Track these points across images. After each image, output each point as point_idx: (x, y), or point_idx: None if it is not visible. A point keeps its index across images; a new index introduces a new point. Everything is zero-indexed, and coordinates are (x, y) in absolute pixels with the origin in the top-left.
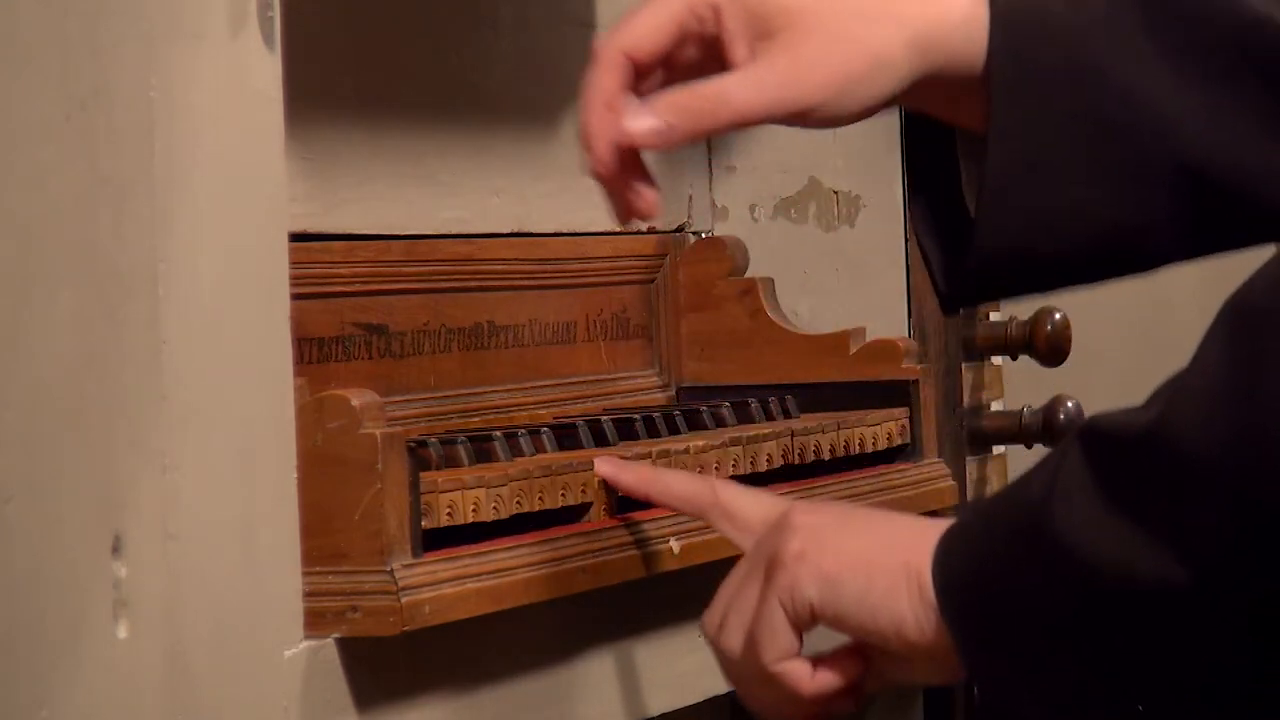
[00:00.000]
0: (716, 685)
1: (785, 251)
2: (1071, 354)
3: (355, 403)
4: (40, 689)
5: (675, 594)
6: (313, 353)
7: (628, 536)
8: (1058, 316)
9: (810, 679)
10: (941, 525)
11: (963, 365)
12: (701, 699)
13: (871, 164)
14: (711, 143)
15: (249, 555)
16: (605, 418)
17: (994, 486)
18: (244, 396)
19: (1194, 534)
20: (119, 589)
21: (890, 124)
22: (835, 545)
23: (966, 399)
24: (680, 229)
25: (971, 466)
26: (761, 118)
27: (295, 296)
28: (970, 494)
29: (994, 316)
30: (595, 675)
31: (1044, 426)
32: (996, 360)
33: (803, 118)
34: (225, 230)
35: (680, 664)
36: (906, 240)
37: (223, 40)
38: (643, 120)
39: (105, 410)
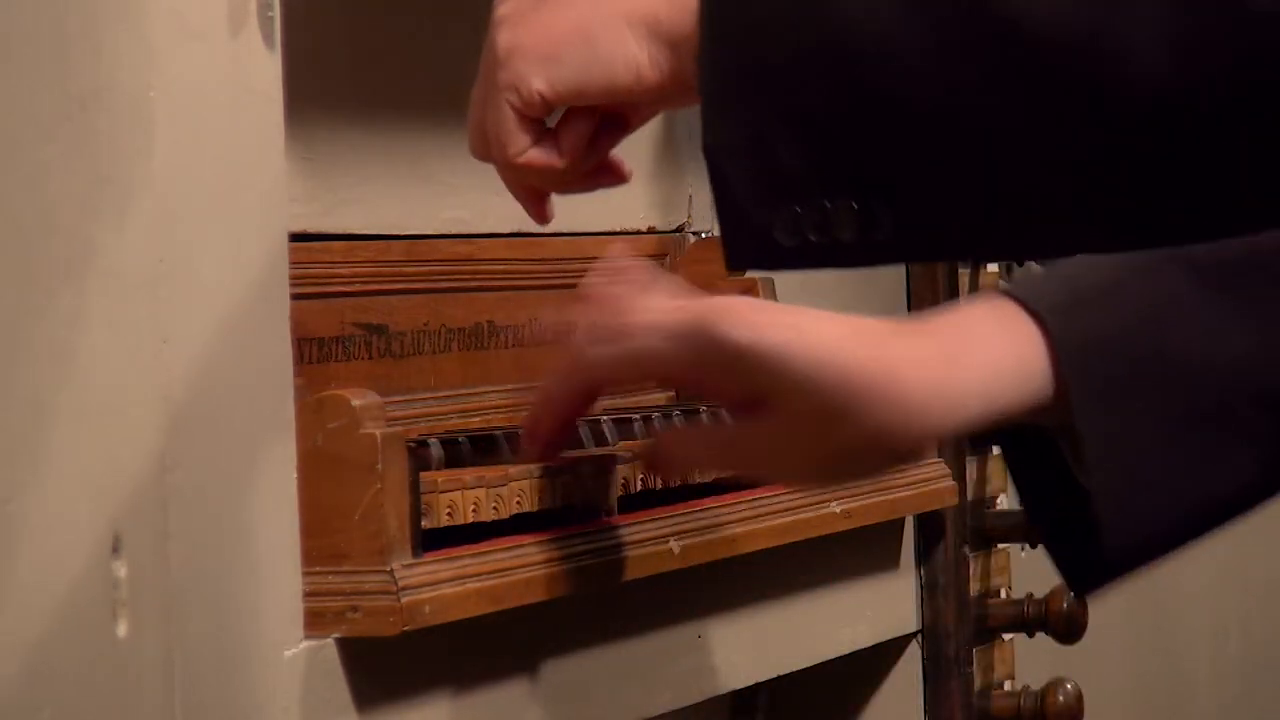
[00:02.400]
0: (716, 685)
1: None
2: None
3: (355, 403)
4: (40, 689)
5: (675, 594)
6: (313, 353)
7: (628, 536)
8: None
9: (554, 156)
10: None
11: None
12: (701, 699)
13: None
14: None
15: (249, 555)
16: (605, 417)
17: (994, 486)
18: (244, 396)
19: (1000, 71)
20: (119, 589)
21: None
22: (544, 24)
23: None
24: (680, 229)
25: (971, 466)
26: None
27: (295, 296)
28: (970, 494)
29: None
30: (595, 675)
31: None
32: None
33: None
34: (225, 230)
35: (680, 664)
36: None
37: (223, 40)
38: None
39: (105, 410)
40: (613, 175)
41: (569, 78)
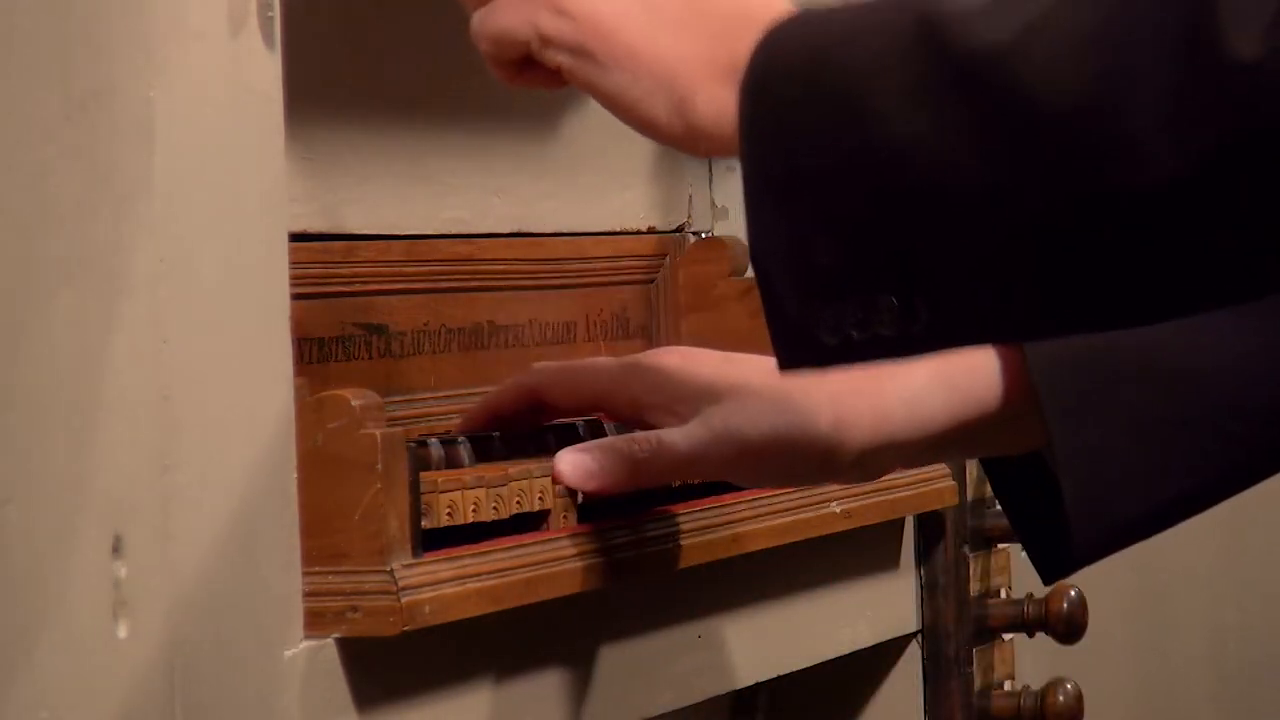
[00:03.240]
0: (716, 685)
1: None
2: None
3: (355, 403)
4: (40, 689)
5: (675, 594)
6: (313, 353)
7: (628, 536)
8: None
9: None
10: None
11: None
12: (701, 699)
13: None
14: None
15: (249, 555)
16: (606, 419)
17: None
18: (244, 396)
19: (1020, 164)
20: (119, 589)
21: None
22: (620, 30)
23: None
24: (680, 229)
25: (971, 466)
26: (696, 475)
27: (295, 296)
28: (970, 494)
29: None
30: (595, 675)
31: None
32: None
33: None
34: (225, 230)
35: (680, 664)
36: None
37: (223, 40)
38: (575, 459)
39: (105, 410)
40: None
41: (592, 83)
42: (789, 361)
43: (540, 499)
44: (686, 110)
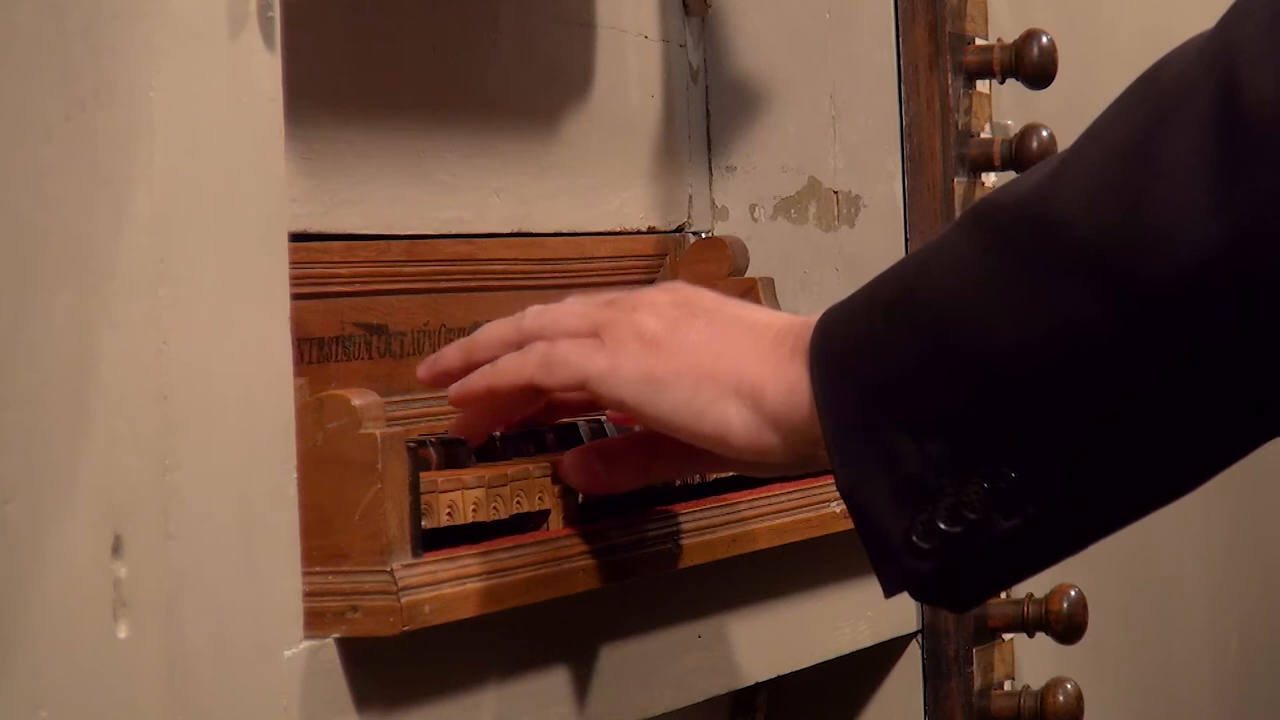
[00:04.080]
0: (716, 685)
1: (785, 251)
2: None
3: (355, 403)
4: (39, 689)
5: (675, 594)
6: (313, 353)
7: (628, 536)
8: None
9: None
10: (796, 327)
11: None
12: (701, 699)
13: (871, 164)
14: (711, 142)
15: (249, 555)
16: (606, 419)
17: None
18: (244, 396)
19: (1059, 305)
20: (119, 589)
21: (890, 124)
22: (669, 350)
23: None
24: (680, 229)
25: None
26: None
27: (295, 296)
28: None
29: None
30: (595, 675)
31: None
32: None
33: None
34: (225, 230)
35: (680, 664)
36: (907, 240)
37: (223, 40)
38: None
39: (105, 410)
40: None
41: (659, 409)
42: (892, 585)
43: (540, 499)
44: (759, 399)
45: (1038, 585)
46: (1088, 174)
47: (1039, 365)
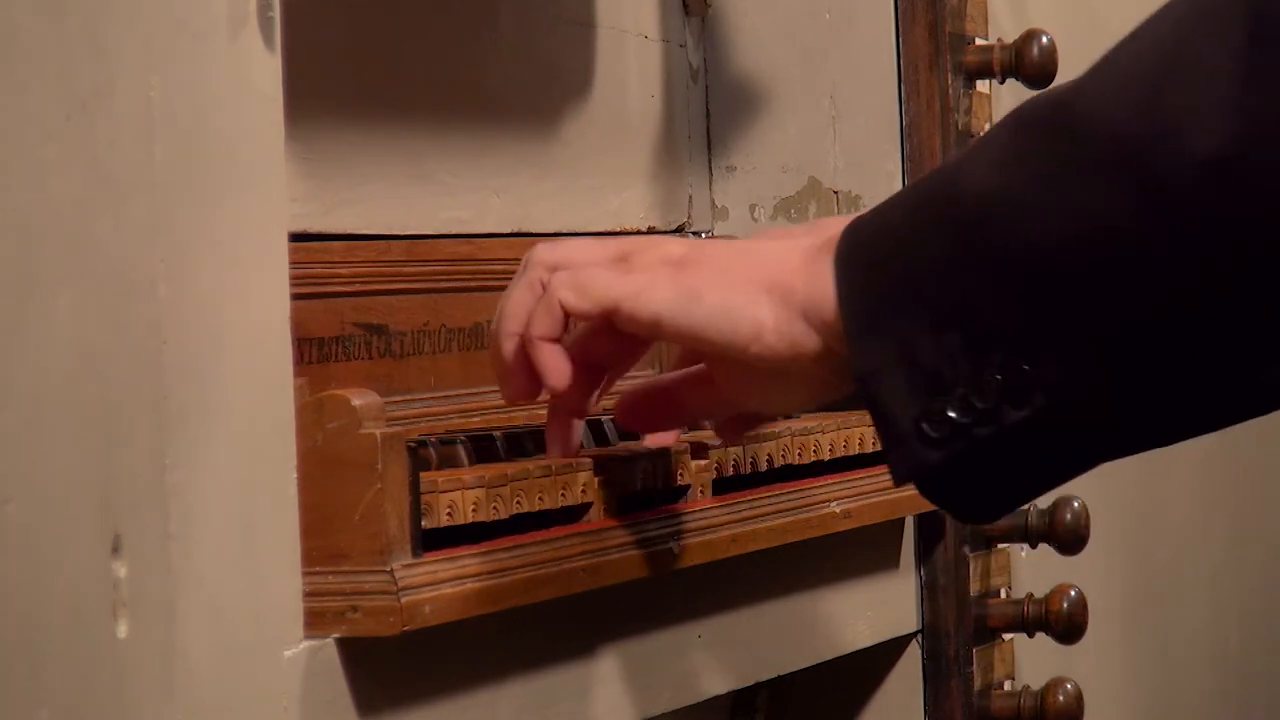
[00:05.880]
0: (716, 685)
1: None
2: None
3: (355, 403)
4: (39, 689)
5: (675, 594)
6: (313, 353)
7: (628, 536)
8: None
9: (562, 364)
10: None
11: None
12: (701, 699)
13: (871, 164)
14: (711, 142)
15: (249, 555)
16: (605, 417)
17: None
18: (244, 396)
19: (1084, 200)
20: (118, 589)
21: (890, 124)
22: (689, 270)
23: None
24: (680, 229)
25: None
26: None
27: (295, 296)
28: None
29: None
30: (595, 675)
31: None
32: None
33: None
34: (225, 230)
35: (680, 664)
36: None
37: (223, 40)
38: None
39: (105, 410)
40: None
41: (696, 318)
42: (902, 473)
43: (540, 499)
44: (789, 293)
45: (1038, 586)
46: (1123, 67)
47: (1062, 260)
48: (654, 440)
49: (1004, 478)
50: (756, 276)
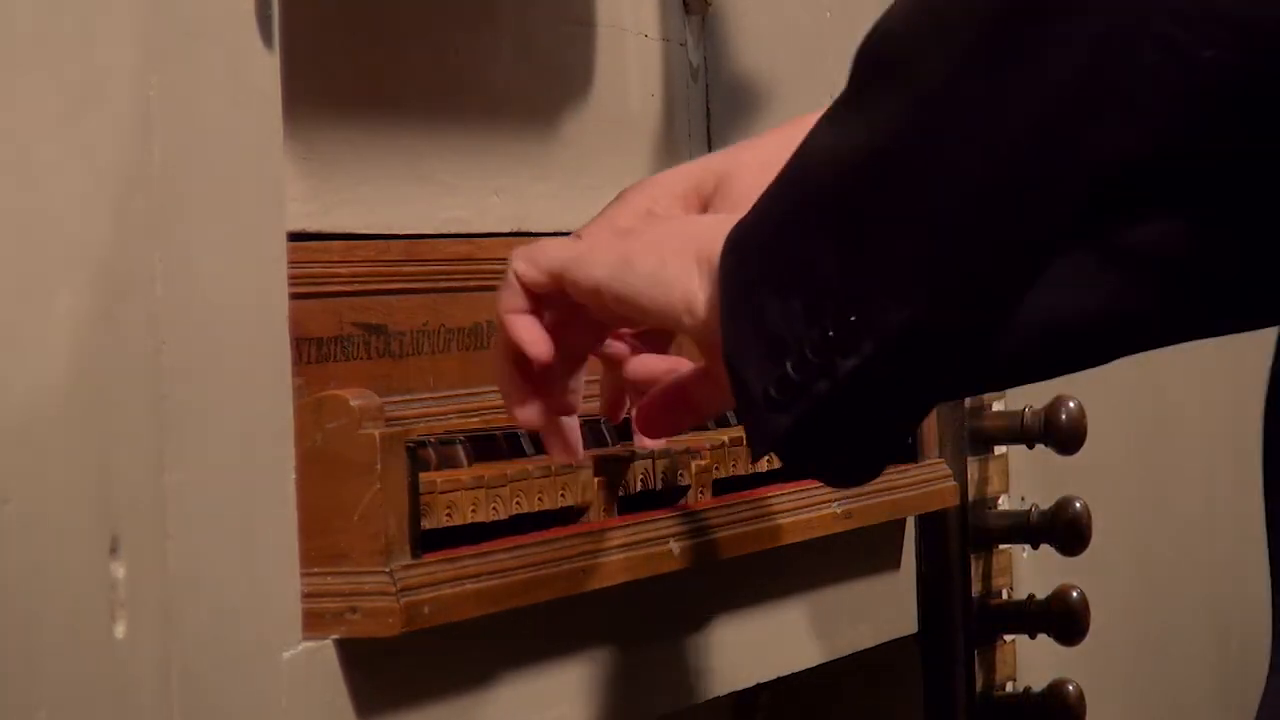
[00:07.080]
0: (716, 686)
1: None
2: None
3: (354, 403)
4: (38, 690)
5: (675, 594)
6: (312, 353)
7: (628, 537)
8: None
9: (538, 337)
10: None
11: None
12: (702, 700)
13: None
14: (711, 142)
15: (248, 555)
16: (604, 418)
17: (995, 486)
18: (243, 396)
19: (872, 122)
20: (117, 589)
21: None
22: (624, 240)
23: (968, 398)
24: None
25: (973, 466)
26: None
27: (294, 296)
28: (972, 494)
29: None
30: (596, 676)
31: (1046, 426)
32: None
33: None
34: (225, 230)
35: (681, 665)
36: None
37: (222, 40)
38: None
39: (105, 410)
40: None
41: (630, 284)
42: (759, 446)
43: (540, 499)
44: (714, 268)
45: (1039, 586)
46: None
47: (859, 191)
48: (648, 442)
49: (852, 432)
50: (691, 248)
